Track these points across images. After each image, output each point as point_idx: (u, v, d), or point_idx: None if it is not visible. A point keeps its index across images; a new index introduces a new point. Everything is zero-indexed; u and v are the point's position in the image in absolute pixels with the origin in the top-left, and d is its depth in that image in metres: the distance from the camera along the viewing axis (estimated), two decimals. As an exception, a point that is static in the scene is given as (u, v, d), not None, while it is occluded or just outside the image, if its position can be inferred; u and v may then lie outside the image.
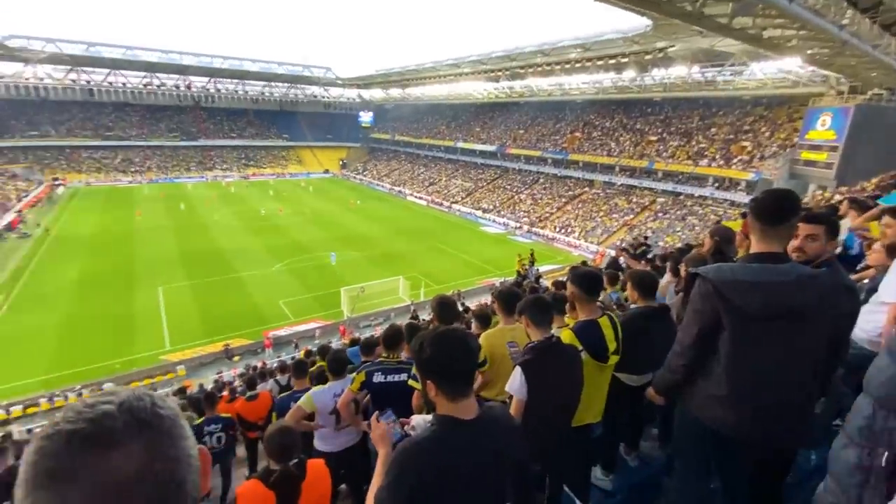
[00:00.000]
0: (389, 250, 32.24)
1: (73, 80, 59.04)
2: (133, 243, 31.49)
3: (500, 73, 47.24)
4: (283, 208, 44.05)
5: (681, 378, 2.07)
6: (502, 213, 43.16)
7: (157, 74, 63.25)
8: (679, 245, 19.62)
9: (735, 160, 32.46)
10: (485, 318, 4.14)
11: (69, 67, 56.99)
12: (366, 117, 77.87)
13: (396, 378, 3.19)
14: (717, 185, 33.26)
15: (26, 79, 56.23)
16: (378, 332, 15.87)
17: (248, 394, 5.41)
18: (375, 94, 77.26)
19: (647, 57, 32.00)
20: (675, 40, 27.02)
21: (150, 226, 35.92)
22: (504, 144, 52.38)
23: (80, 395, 15.50)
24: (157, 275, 25.81)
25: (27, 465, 0.50)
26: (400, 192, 56.42)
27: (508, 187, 48.09)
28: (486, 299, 16.94)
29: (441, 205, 48.95)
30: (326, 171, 70.22)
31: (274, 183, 59.93)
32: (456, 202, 48.62)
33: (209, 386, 11.49)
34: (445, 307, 3.44)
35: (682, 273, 3.78)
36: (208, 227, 36.69)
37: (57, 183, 49.12)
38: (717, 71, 32.52)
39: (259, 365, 15.17)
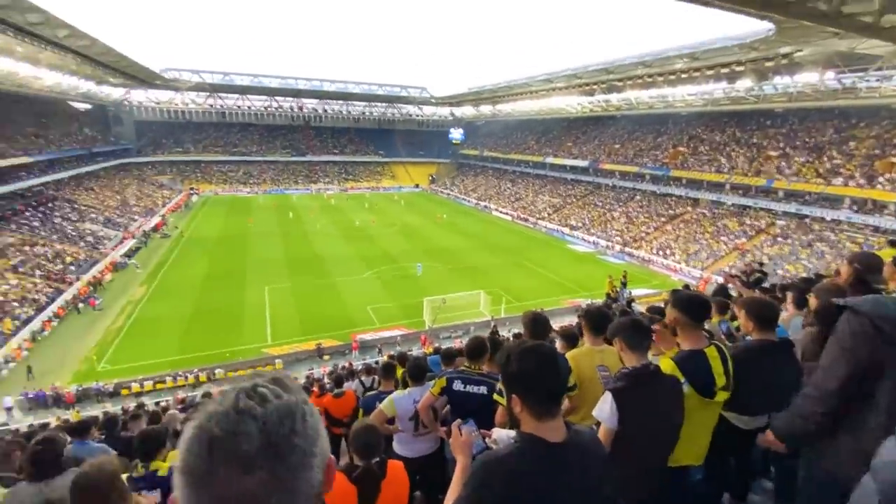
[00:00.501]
0: (473, 264, 32.46)
1: (211, 105, 69.15)
2: (247, 246, 35.50)
3: (595, 87, 45.71)
4: (376, 220, 46.67)
5: (816, 428, 1.75)
6: (592, 230, 41.30)
7: (276, 98, 71.51)
8: (804, 275, 17.26)
9: (881, 179, 27.63)
10: (571, 337, 3.95)
11: (208, 94, 66.79)
12: (456, 134, 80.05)
13: (476, 389, 3.16)
14: (855, 207, 28.53)
15: (175, 104, 67.09)
16: (458, 344, 15.95)
17: (336, 391, 5.73)
18: (466, 111, 79.18)
19: (768, 64, 28.76)
20: (803, 44, 23.95)
21: (262, 231, 40.25)
22: (597, 159, 50.33)
23: (196, 377, 17.68)
24: (265, 275, 28.72)
25: (182, 445, 0.56)
26: (486, 206, 56.79)
27: (600, 204, 45.98)
28: (572, 321, 16.22)
29: (527, 220, 48.29)
30: (416, 186, 73.21)
31: (369, 196, 63.90)
32: (542, 218, 47.63)
33: (302, 381, 12.41)
34: (539, 324, 3.34)
35: (813, 305, 3.26)
36: (310, 234, 40.12)
37: (192, 192, 57.41)
38: (858, 77, 28.09)
39: (346, 365, 16.06)
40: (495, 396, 2.93)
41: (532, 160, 61.06)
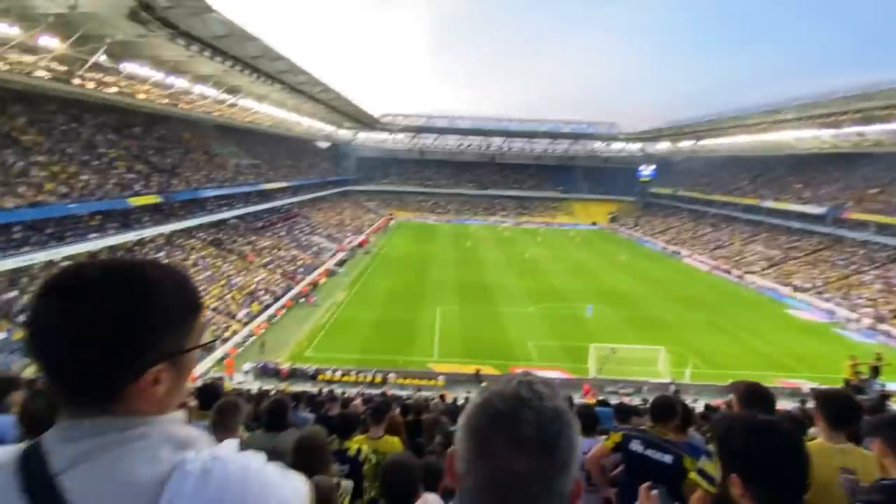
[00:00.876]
0: (653, 315, 28.87)
1: (414, 144, 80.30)
2: (427, 268, 39.07)
3: (844, 118, 36.68)
4: (547, 255, 46.06)
5: None
6: (827, 295, 32.36)
7: (468, 137, 78.78)
8: None
9: None
10: (797, 423, 2.99)
11: (413, 134, 77.77)
12: (646, 171, 74.12)
13: (659, 456, 2.64)
14: None
15: (387, 144, 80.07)
16: (626, 401, 14.17)
17: None
18: (661, 147, 72.93)
19: None
20: None
21: (441, 256, 43.86)
22: (840, 206, 39.73)
23: (373, 377, 19.89)
24: (439, 296, 30.99)
25: (469, 411, 0.65)
26: (675, 252, 50.38)
27: (841, 263, 35.93)
28: (785, 406, 12.69)
29: (729, 273, 40.86)
30: (594, 224, 69.96)
31: (542, 231, 63.76)
32: (752, 272, 39.64)
33: (461, 401, 12.74)
34: (759, 400, 2.60)
35: None
36: (482, 263, 41.95)
37: (390, 217, 66.74)
38: None
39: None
40: (692, 476, 2.37)
41: (743, 202, 51.93)
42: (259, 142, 50.78)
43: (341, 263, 40.12)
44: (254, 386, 17.56)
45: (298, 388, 16.40)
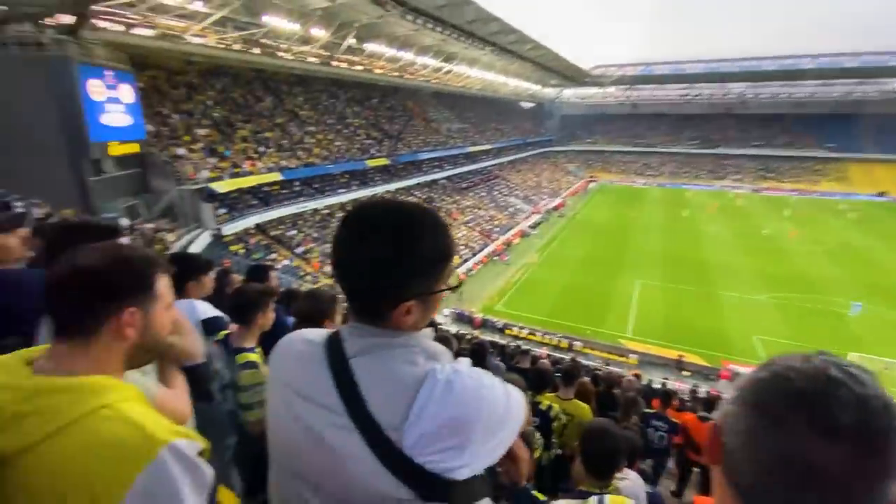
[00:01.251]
0: (976, 327, 20.03)
1: (627, 97, 72.05)
2: (628, 236, 35.73)
3: None
4: (797, 232, 36.32)
5: None
6: None
7: (695, 85, 66.25)
8: None
9: None
10: None
11: (627, 87, 69.72)
12: None
13: None
14: None
15: (594, 99, 74.08)
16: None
17: (701, 413, 4.87)
18: None
19: None
20: None
21: (648, 225, 39.36)
22: None
23: (559, 342, 19.68)
24: (639, 269, 28.15)
25: (748, 385, 0.56)
26: None
27: None
28: None
29: None
30: (881, 194, 51.34)
31: (794, 201, 50.24)
32: None
33: (655, 385, 11.51)
34: None
35: None
36: (699, 235, 35.99)
37: (591, 180, 62.76)
38: None
39: (709, 392, 13.69)
40: None
41: None
42: (468, 106, 53.79)
43: (535, 226, 40.18)
44: (451, 328, 19.54)
45: (487, 337, 17.49)
